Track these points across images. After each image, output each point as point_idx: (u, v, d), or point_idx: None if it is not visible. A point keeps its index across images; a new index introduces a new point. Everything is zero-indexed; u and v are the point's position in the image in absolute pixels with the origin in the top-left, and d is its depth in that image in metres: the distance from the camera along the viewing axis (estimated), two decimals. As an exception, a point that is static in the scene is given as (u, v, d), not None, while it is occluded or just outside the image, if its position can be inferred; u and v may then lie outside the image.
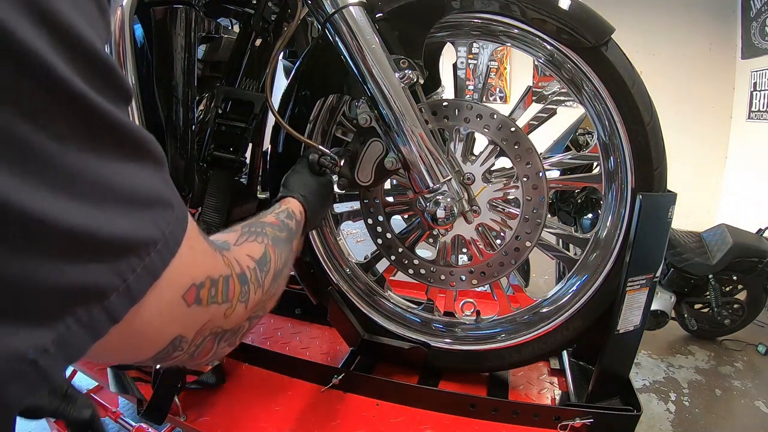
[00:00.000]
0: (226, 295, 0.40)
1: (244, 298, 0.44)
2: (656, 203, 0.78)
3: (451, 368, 0.98)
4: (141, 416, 0.83)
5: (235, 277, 0.42)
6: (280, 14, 0.93)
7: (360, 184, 0.84)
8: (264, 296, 0.50)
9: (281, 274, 0.56)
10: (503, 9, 0.79)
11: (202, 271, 0.36)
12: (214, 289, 0.38)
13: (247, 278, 0.45)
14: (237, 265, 0.44)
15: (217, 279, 0.38)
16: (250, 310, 0.46)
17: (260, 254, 0.52)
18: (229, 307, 0.41)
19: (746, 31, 3.80)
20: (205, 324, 0.38)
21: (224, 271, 0.40)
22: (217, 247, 0.41)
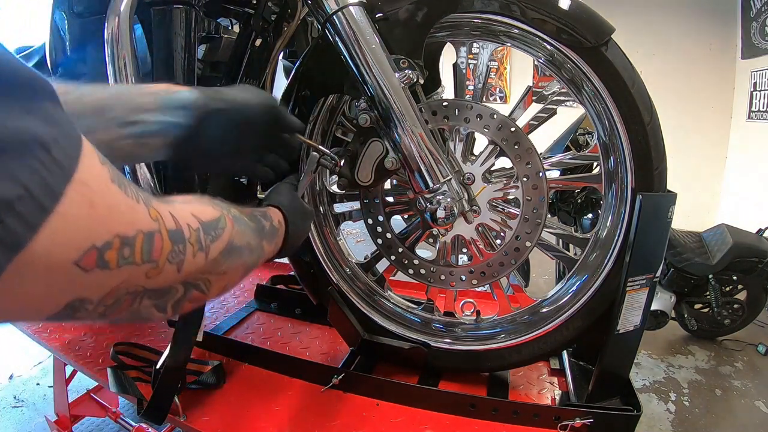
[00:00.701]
0: (148, 254, 0.34)
1: (175, 259, 0.38)
2: (656, 203, 0.78)
3: (451, 368, 0.98)
4: (141, 416, 0.83)
5: (165, 232, 0.36)
6: (280, 14, 0.93)
7: (360, 184, 0.84)
8: (208, 265, 0.43)
9: (238, 253, 0.49)
10: (503, 9, 0.79)
11: (109, 230, 0.31)
12: (127, 248, 0.32)
13: (183, 236, 0.39)
14: (171, 219, 0.38)
15: (132, 237, 0.33)
16: (186, 275, 0.40)
17: (210, 218, 0.45)
18: (154, 267, 0.35)
19: (746, 31, 3.80)
20: (117, 286, 0.33)
21: (147, 226, 0.34)
22: (144, 198, 0.35)
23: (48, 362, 2.14)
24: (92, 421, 1.69)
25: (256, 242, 0.55)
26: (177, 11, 0.83)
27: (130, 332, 1.17)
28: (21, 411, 1.90)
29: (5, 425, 1.81)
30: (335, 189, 0.88)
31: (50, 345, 1.13)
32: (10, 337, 2.20)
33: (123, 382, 0.91)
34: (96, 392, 1.51)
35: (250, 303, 1.32)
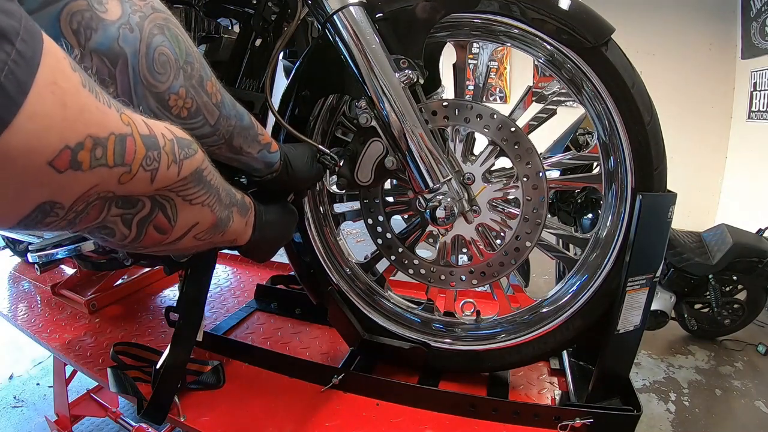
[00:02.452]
0: (121, 156, 0.34)
1: (149, 166, 0.37)
2: (656, 203, 0.78)
3: (451, 368, 0.98)
4: (141, 416, 0.83)
5: (137, 137, 0.36)
6: (280, 14, 0.93)
7: (360, 184, 0.84)
8: (179, 182, 0.43)
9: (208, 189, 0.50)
10: (503, 9, 0.79)
11: (81, 130, 0.30)
12: (100, 149, 0.32)
13: (156, 143, 0.38)
14: (144, 126, 0.37)
15: (104, 138, 0.32)
16: (158, 186, 0.40)
17: (183, 136, 0.45)
18: (127, 172, 0.35)
19: (746, 31, 3.80)
20: (90, 189, 0.33)
21: (119, 129, 0.34)
22: (116, 105, 0.35)
23: (48, 362, 2.14)
24: (92, 421, 1.69)
25: (227, 200, 0.57)
26: (177, 11, 0.83)
27: (130, 332, 1.17)
28: (21, 411, 1.90)
29: (5, 425, 1.81)
30: (335, 189, 0.88)
31: (50, 345, 1.13)
32: (10, 337, 2.19)
33: (123, 382, 0.91)
34: (96, 392, 1.51)
35: (250, 303, 1.32)
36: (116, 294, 1.35)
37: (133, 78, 0.53)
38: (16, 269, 1.59)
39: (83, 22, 0.48)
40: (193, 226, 0.51)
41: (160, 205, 0.44)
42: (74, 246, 0.94)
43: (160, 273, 1.47)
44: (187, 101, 0.59)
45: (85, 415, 1.49)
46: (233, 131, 0.67)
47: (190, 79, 0.58)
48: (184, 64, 0.57)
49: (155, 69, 0.54)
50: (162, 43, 0.55)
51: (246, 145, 0.70)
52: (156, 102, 0.56)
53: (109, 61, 0.52)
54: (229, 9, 0.97)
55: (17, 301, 1.38)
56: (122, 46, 0.52)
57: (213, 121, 0.63)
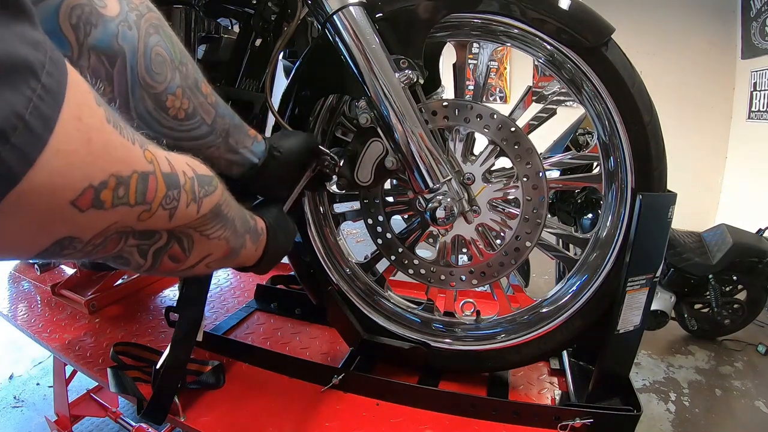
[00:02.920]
0: (142, 195, 0.34)
1: (169, 205, 0.37)
2: (656, 203, 0.78)
3: (451, 368, 0.98)
4: (141, 416, 0.83)
5: (159, 175, 0.35)
6: (280, 14, 0.93)
7: (360, 184, 0.84)
8: (198, 220, 0.43)
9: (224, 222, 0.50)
10: (503, 9, 0.79)
11: (105, 168, 0.30)
12: (122, 188, 0.31)
13: (177, 182, 0.38)
14: (167, 163, 0.37)
15: (128, 177, 0.32)
16: (177, 223, 0.40)
17: (204, 172, 0.45)
18: (146, 210, 0.35)
19: (746, 31, 3.80)
20: (109, 226, 0.33)
21: (142, 167, 0.33)
22: (140, 140, 0.34)
23: (48, 362, 2.14)
24: (92, 421, 1.69)
25: (242, 229, 0.57)
26: (177, 11, 0.83)
27: (130, 332, 1.17)
28: (21, 411, 1.90)
29: (5, 425, 1.81)
30: (335, 189, 0.88)
31: (50, 345, 1.13)
32: (10, 337, 2.19)
33: (123, 382, 0.91)
34: (96, 392, 1.51)
35: (250, 303, 1.32)
36: (116, 294, 1.35)
37: (131, 79, 0.53)
38: (16, 269, 1.59)
39: (83, 16, 0.48)
40: (207, 256, 0.50)
41: (177, 239, 0.43)
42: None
43: (160, 273, 1.47)
44: (184, 102, 0.59)
45: (85, 415, 1.49)
46: (229, 129, 0.68)
47: (186, 79, 0.58)
48: (179, 64, 0.57)
49: (153, 69, 0.54)
50: (158, 42, 0.54)
51: (241, 141, 0.71)
52: (153, 104, 0.56)
53: (108, 59, 0.51)
54: (229, 9, 0.97)
55: (17, 301, 1.38)
56: (121, 44, 0.51)
57: (210, 120, 0.64)
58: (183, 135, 0.62)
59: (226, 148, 0.69)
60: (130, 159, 0.32)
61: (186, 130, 0.62)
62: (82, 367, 1.05)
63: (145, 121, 0.58)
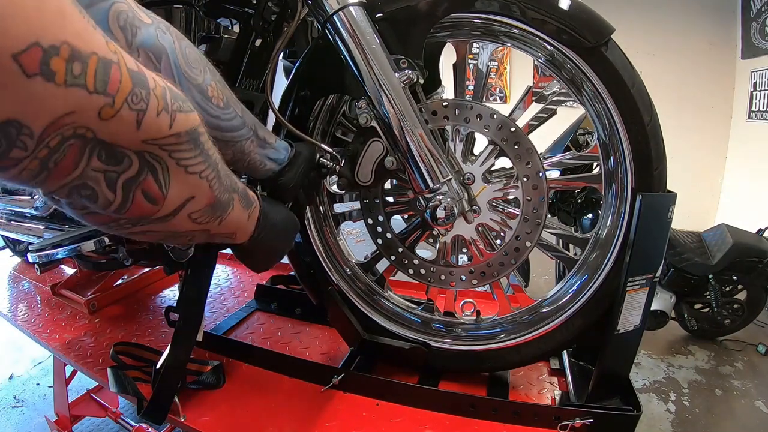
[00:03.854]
0: (103, 83, 0.30)
1: (136, 104, 0.33)
2: (656, 203, 0.78)
3: (451, 368, 0.98)
4: (141, 416, 0.83)
5: (124, 68, 0.32)
6: (280, 14, 0.93)
7: (360, 184, 0.84)
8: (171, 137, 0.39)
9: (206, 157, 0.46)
10: (503, 9, 0.79)
11: (57, 34, 0.26)
12: (78, 64, 0.27)
13: (146, 82, 0.34)
14: (133, 63, 0.33)
15: (86, 54, 0.28)
16: (146, 136, 0.35)
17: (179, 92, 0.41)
18: (108, 104, 0.31)
19: (746, 31, 3.80)
20: (64, 115, 0.28)
21: (103, 52, 0.30)
22: (101, 32, 0.31)
23: (48, 362, 2.14)
24: (92, 421, 1.69)
25: (228, 182, 0.54)
26: (177, 11, 0.83)
27: (130, 332, 1.17)
28: (21, 411, 1.90)
29: (5, 425, 1.81)
30: (335, 189, 0.88)
31: (50, 345, 1.13)
32: (10, 337, 2.19)
33: (123, 382, 0.91)
34: (96, 392, 1.51)
35: (250, 303, 1.32)
36: (116, 294, 1.35)
37: (176, 73, 0.58)
38: (16, 269, 1.59)
39: (128, 20, 0.53)
40: (188, 200, 0.46)
41: (149, 166, 0.38)
42: (74, 246, 0.94)
43: (160, 273, 1.47)
44: (219, 93, 0.64)
45: (85, 415, 1.49)
46: (255, 124, 0.73)
47: (215, 74, 0.64)
48: (207, 63, 0.64)
49: (191, 64, 0.60)
50: (188, 45, 0.61)
51: (267, 136, 0.76)
52: (199, 93, 0.61)
53: (155, 56, 0.56)
54: (229, 9, 0.97)
55: (17, 301, 1.38)
56: (162, 43, 0.56)
57: (240, 113, 0.69)
58: (227, 125, 0.66)
59: (258, 143, 0.74)
60: (89, 37, 0.29)
61: (228, 119, 0.66)
62: (82, 367, 1.06)
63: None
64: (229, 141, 0.68)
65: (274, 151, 0.78)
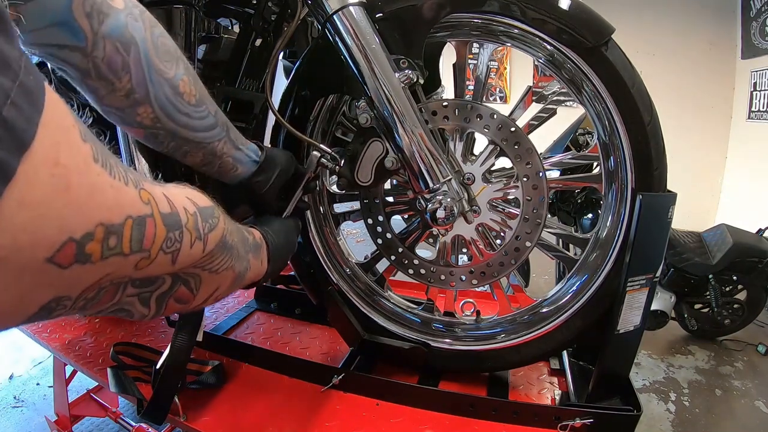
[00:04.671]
0: (138, 242, 0.30)
1: (170, 248, 0.34)
2: (656, 203, 0.78)
3: (451, 368, 0.98)
4: (141, 416, 0.83)
5: (158, 217, 0.32)
6: (280, 14, 0.93)
7: (360, 184, 0.84)
8: (204, 258, 0.40)
9: (230, 252, 0.46)
10: (503, 9, 0.79)
11: (90, 217, 0.26)
12: (114, 238, 0.28)
13: (179, 221, 0.35)
14: (165, 202, 0.33)
15: (120, 224, 0.28)
16: (181, 266, 0.36)
17: (206, 204, 0.42)
18: (145, 258, 0.31)
19: (746, 31, 3.80)
20: (101, 279, 0.29)
21: (137, 210, 0.30)
22: (134, 178, 0.30)
23: (48, 362, 2.14)
24: (92, 421, 1.69)
25: (244, 250, 0.54)
26: (177, 11, 0.83)
27: (130, 332, 1.17)
28: (21, 411, 1.90)
29: (5, 425, 1.81)
30: (335, 189, 0.88)
31: (50, 345, 1.13)
32: (10, 337, 2.19)
33: (123, 382, 0.91)
34: (96, 392, 1.51)
35: (250, 303, 1.32)
36: (116, 294, 1.35)
37: (146, 65, 0.55)
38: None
39: (95, 6, 0.50)
40: (216, 290, 0.48)
41: (183, 281, 0.40)
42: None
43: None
44: (191, 88, 0.61)
45: (85, 415, 1.49)
46: (227, 123, 0.69)
47: (188, 68, 0.61)
48: (180, 55, 0.60)
49: (162, 57, 0.57)
50: (161, 34, 0.57)
51: (238, 137, 0.72)
52: (170, 88, 0.58)
53: (123, 47, 0.53)
54: (229, 9, 0.97)
55: (17, 301, 1.38)
56: (132, 33, 0.53)
57: (214, 110, 0.66)
58: (198, 124, 0.64)
59: (231, 144, 0.70)
60: (122, 202, 0.29)
61: (200, 118, 0.63)
62: (82, 367, 1.05)
63: (167, 110, 0.59)
64: (200, 142, 0.65)
65: (246, 153, 0.74)
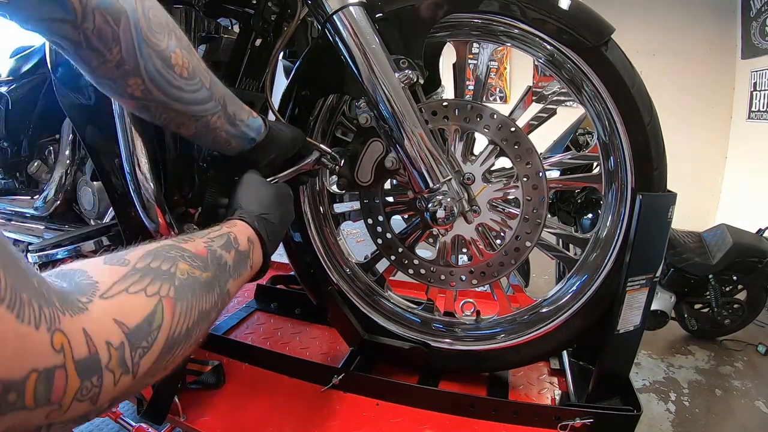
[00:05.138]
0: (44, 397, 0.27)
1: (86, 396, 0.30)
2: (656, 203, 0.78)
3: (451, 368, 0.98)
4: (141, 416, 0.83)
5: (71, 366, 0.29)
6: (280, 14, 0.93)
7: (360, 184, 0.84)
8: (138, 381, 0.36)
9: (185, 339, 0.42)
10: (503, 9, 0.79)
11: None
12: (13, 394, 0.25)
13: (98, 364, 0.31)
14: (83, 343, 0.30)
15: (21, 380, 0.25)
16: (108, 401, 0.33)
17: (141, 317, 0.36)
18: (55, 410, 0.28)
19: (746, 31, 3.80)
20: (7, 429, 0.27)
21: (43, 362, 0.27)
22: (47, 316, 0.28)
23: (48, 362, 2.13)
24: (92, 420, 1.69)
25: (214, 298, 0.48)
26: (177, 11, 0.83)
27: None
28: (21, 411, 1.89)
29: (5, 425, 1.81)
30: (335, 189, 0.88)
31: (50, 345, 1.13)
32: (10, 337, 2.19)
33: (123, 382, 0.90)
34: (96, 392, 1.50)
35: (250, 303, 1.32)
36: (116, 294, 1.35)
37: (136, 37, 0.55)
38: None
39: None
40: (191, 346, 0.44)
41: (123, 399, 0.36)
42: (74, 246, 0.95)
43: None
44: (184, 61, 0.60)
45: (85, 415, 1.49)
46: (225, 98, 0.68)
47: (180, 41, 0.60)
48: (173, 28, 0.60)
49: (154, 28, 0.56)
50: (152, 6, 0.57)
51: (238, 112, 0.70)
52: (161, 60, 0.58)
53: (113, 18, 0.53)
54: (229, 9, 0.97)
55: (17, 301, 1.38)
56: (122, 5, 0.53)
57: (208, 83, 0.65)
58: (191, 97, 0.62)
59: (226, 119, 0.68)
60: (26, 354, 0.26)
61: (192, 91, 0.62)
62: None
63: (157, 82, 0.59)
64: (192, 115, 0.64)
65: (244, 129, 0.71)
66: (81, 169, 1.08)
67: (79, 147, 1.07)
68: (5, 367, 0.25)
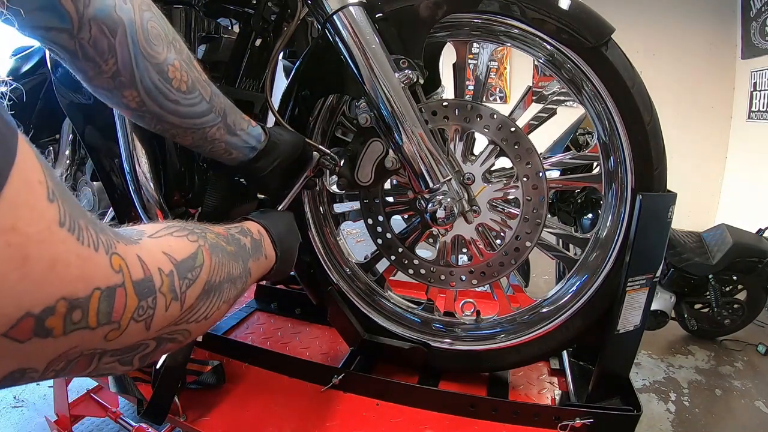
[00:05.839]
0: (106, 315, 0.29)
1: (142, 316, 0.32)
2: (656, 203, 0.78)
3: (451, 368, 0.98)
4: (141, 416, 0.83)
5: (129, 285, 0.31)
6: (280, 14, 0.93)
7: (360, 184, 0.84)
8: (184, 315, 0.38)
9: (219, 292, 0.44)
10: (503, 9, 0.79)
11: (50, 292, 0.25)
12: (78, 312, 0.26)
13: (153, 287, 0.33)
14: (139, 267, 0.32)
15: (85, 297, 0.27)
16: (158, 330, 0.35)
17: (186, 254, 0.40)
18: (114, 329, 0.30)
19: (746, 31, 3.80)
20: (66, 351, 0.28)
21: (105, 281, 0.28)
22: (105, 241, 0.29)
23: (48, 362, 2.13)
24: (92, 421, 1.69)
25: (239, 269, 0.51)
26: (177, 11, 0.83)
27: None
28: (21, 411, 1.90)
29: (5, 425, 1.81)
30: (335, 189, 0.88)
31: (50, 345, 1.13)
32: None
33: (123, 382, 0.91)
34: (96, 392, 1.51)
35: (250, 303, 1.33)
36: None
37: (133, 49, 0.54)
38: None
39: None
40: (211, 324, 0.46)
41: (167, 340, 0.38)
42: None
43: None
44: (183, 74, 0.60)
45: (85, 415, 1.49)
46: (225, 109, 0.67)
47: (180, 53, 0.60)
48: (172, 39, 0.59)
49: (151, 41, 0.56)
50: (152, 18, 0.56)
51: (238, 122, 0.70)
52: (157, 74, 0.57)
53: (109, 29, 0.52)
54: (229, 9, 0.97)
55: (17, 301, 1.38)
56: (119, 15, 0.52)
57: (208, 96, 0.64)
58: (188, 111, 0.62)
59: (226, 129, 0.68)
60: (89, 273, 0.27)
61: (189, 105, 0.62)
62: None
63: (153, 95, 0.58)
64: (189, 128, 0.63)
65: (244, 139, 0.72)
66: (81, 169, 1.08)
67: (79, 147, 1.07)
68: (71, 286, 0.26)
